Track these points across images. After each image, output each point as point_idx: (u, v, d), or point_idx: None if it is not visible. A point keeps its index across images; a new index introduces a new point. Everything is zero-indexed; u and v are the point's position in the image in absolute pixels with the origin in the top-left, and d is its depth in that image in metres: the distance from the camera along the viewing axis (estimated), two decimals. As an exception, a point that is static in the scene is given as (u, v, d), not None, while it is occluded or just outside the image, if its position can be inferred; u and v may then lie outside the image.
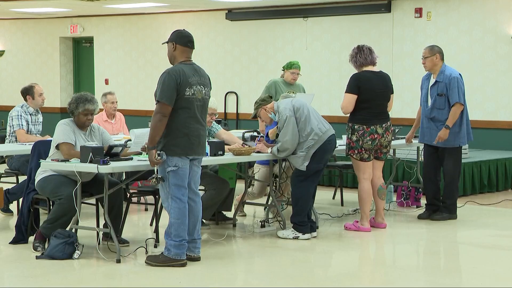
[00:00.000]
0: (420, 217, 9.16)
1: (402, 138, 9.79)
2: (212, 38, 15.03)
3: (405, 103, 12.82)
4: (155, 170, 6.82)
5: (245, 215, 9.25)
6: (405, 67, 12.92)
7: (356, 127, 8.35)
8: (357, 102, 8.33)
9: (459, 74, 8.98)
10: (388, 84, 8.55)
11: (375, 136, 8.35)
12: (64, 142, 7.30)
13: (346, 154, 8.51)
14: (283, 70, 10.08)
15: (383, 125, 8.41)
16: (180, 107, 6.73)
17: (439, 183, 9.24)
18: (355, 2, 13.38)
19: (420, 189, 9.92)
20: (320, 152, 7.90)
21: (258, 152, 8.12)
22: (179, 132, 6.73)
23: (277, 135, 8.12)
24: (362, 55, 8.41)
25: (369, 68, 8.43)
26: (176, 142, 6.72)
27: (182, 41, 6.88)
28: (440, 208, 9.10)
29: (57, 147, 7.34)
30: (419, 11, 12.78)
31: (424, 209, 9.31)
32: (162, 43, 7.33)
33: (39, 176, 7.38)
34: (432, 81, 8.99)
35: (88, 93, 7.69)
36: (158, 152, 6.69)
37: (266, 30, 14.41)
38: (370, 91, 8.34)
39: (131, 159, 7.32)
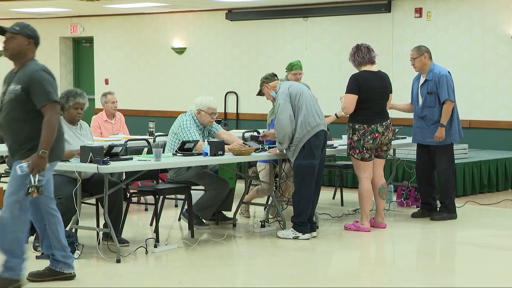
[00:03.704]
0: (414, 215, 9.18)
1: (402, 138, 9.80)
2: (212, 38, 15.03)
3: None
4: (32, 180, 5.78)
5: (249, 217, 9.23)
6: (405, 67, 12.91)
7: (357, 126, 8.36)
8: (358, 102, 8.34)
9: (448, 71, 9.02)
10: (387, 83, 8.57)
11: (376, 135, 8.36)
12: None
13: (348, 154, 8.51)
14: (286, 72, 9.97)
15: (383, 123, 8.42)
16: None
17: (434, 182, 9.26)
18: (355, 2, 13.38)
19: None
20: (308, 147, 7.89)
21: (262, 148, 8.17)
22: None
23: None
24: (360, 54, 8.43)
25: (368, 67, 8.45)
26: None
27: (37, 42, 6.09)
28: (440, 208, 9.11)
29: None
30: (419, 11, 12.78)
31: (419, 208, 9.33)
32: (5, 31, 6.04)
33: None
34: (422, 80, 9.03)
35: (78, 88, 7.70)
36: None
37: (266, 30, 14.42)
38: (369, 91, 8.35)
39: (131, 159, 7.33)
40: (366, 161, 8.41)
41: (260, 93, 8.38)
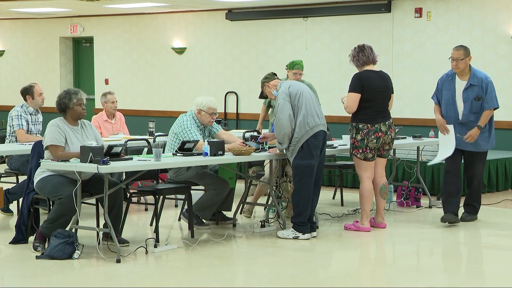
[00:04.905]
0: (463, 219, 8.86)
1: (402, 138, 9.80)
2: (212, 38, 15.03)
3: (405, 103, 12.82)
4: None
5: (249, 217, 9.22)
6: (405, 67, 12.92)
7: (360, 126, 8.35)
8: (360, 101, 8.33)
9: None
10: (389, 83, 8.56)
11: (380, 134, 8.35)
12: (51, 144, 7.31)
13: (350, 154, 8.50)
14: (287, 69, 9.97)
15: (386, 122, 8.42)
16: None
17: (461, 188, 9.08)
18: (355, 2, 13.38)
19: (420, 189, 9.93)
20: (306, 147, 7.88)
21: (262, 148, 8.17)
22: None
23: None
24: (364, 53, 8.42)
25: (370, 67, 8.45)
26: None
27: None
28: (470, 210, 8.98)
29: (46, 148, 7.38)
30: (419, 11, 12.78)
31: (463, 211, 9.01)
32: None
33: (37, 176, 7.37)
34: (461, 83, 8.74)
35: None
36: None
37: (266, 30, 14.42)
38: (372, 90, 8.34)
39: (131, 159, 7.33)
40: (369, 161, 8.41)
41: (262, 95, 8.38)
